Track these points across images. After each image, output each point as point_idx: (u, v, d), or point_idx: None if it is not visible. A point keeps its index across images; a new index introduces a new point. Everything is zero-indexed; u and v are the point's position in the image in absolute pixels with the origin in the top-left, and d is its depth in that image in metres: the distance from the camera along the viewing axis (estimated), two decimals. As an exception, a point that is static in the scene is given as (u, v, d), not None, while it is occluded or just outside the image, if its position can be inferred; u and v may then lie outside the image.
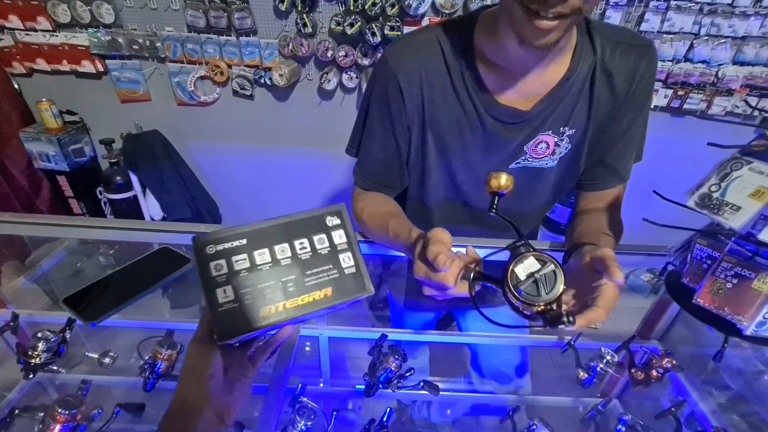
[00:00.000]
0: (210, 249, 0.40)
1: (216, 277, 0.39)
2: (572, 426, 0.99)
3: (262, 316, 0.40)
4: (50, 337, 0.75)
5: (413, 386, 0.81)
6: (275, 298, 0.41)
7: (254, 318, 0.39)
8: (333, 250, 0.44)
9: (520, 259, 0.44)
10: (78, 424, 0.66)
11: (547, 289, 0.43)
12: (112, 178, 1.86)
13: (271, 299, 0.41)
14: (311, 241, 0.43)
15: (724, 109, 1.83)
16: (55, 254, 1.13)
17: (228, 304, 0.39)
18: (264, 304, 0.40)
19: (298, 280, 0.42)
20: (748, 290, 0.53)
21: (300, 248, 0.43)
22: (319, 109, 1.93)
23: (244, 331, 0.39)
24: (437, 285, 0.48)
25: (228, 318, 0.39)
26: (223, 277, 0.39)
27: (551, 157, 0.69)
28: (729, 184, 0.51)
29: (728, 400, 0.84)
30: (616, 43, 0.63)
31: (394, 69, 0.64)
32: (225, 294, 0.39)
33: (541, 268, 0.43)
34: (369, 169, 0.75)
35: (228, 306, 0.39)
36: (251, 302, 0.40)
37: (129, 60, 1.80)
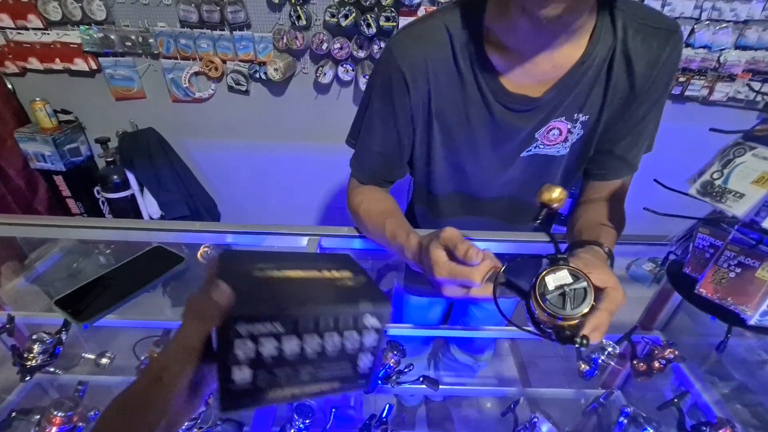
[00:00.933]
0: (241, 327, 0.35)
1: (237, 355, 0.36)
2: (574, 418, 0.99)
3: (269, 397, 0.38)
4: (45, 338, 0.74)
5: (413, 381, 0.80)
6: (287, 384, 0.39)
7: (262, 398, 0.38)
8: (360, 349, 0.40)
9: (553, 270, 0.43)
10: (75, 426, 0.65)
11: (573, 304, 0.42)
12: (108, 177, 1.85)
13: (283, 384, 0.39)
14: (342, 338, 0.39)
15: (726, 94, 1.80)
16: (52, 255, 1.12)
17: (241, 384, 0.37)
18: (275, 386, 0.39)
19: (314, 372, 0.40)
20: (751, 279, 0.52)
21: (329, 344, 0.39)
22: (315, 103, 1.91)
23: (249, 408, 0.38)
24: (463, 282, 0.47)
25: (236, 395, 0.37)
26: (245, 359, 0.36)
27: (563, 144, 0.66)
28: (732, 171, 0.50)
29: (731, 390, 0.83)
30: (640, 25, 0.57)
31: (398, 61, 0.61)
32: (241, 374, 0.37)
33: (572, 282, 0.42)
34: (367, 163, 0.73)
35: (241, 384, 0.37)
36: (264, 385, 0.38)
37: (122, 57, 1.78)
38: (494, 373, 1.75)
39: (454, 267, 0.47)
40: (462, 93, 0.63)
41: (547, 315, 0.42)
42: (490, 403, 1.45)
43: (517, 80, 0.60)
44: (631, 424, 0.70)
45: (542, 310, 0.42)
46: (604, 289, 0.46)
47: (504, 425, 0.93)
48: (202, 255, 1.10)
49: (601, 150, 0.69)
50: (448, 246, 0.48)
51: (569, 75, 0.59)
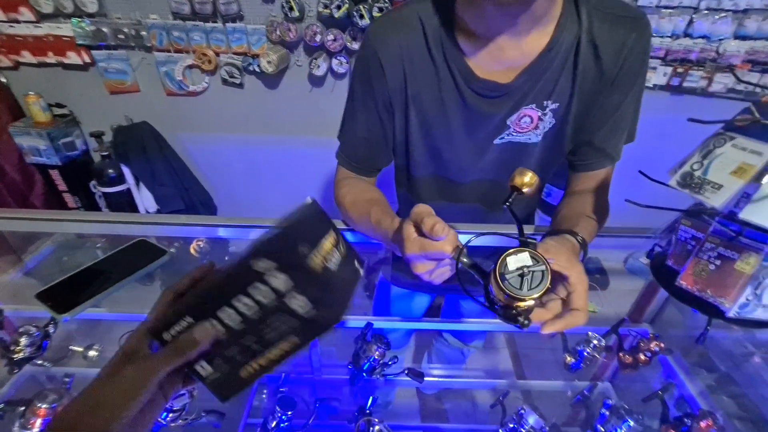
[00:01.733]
0: (166, 336, 0.39)
1: None
2: (563, 410, 0.99)
3: (244, 377, 0.41)
4: (32, 331, 0.75)
5: (398, 374, 0.80)
6: (246, 359, 0.41)
7: (238, 380, 0.41)
8: (279, 296, 0.38)
9: (515, 252, 0.44)
10: (60, 417, 0.66)
11: (530, 285, 0.43)
12: (104, 171, 1.86)
13: (243, 362, 0.41)
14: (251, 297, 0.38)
15: (725, 86, 1.78)
16: (44, 249, 1.13)
17: (210, 375, 0.41)
18: (239, 366, 0.41)
19: (260, 338, 0.40)
20: (730, 271, 0.51)
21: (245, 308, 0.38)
22: (310, 96, 1.90)
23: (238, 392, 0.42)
24: (434, 255, 0.48)
25: (219, 384, 0.41)
26: None
27: (535, 131, 0.67)
28: (711, 162, 0.49)
29: (716, 381, 0.83)
30: (605, 15, 0.59)
31: (374, 46, 0.63)
32: (203, 368, 0.40)
33: (532, 265, 0.44)
34: (352, 149, 0.74)
35: (212, 376, 0.41)
36: (228, 369, 0.41)
37: (115, 50, 1.78)
38: (488, 365, 1.76)
39: (424, 241, 0.48)
40: (435, 78, 0.64)
41: (504, 295, 0.43)
42: (482, 395, 1.46)
43: (486, 66, 0.61)
44: (613, 415, 0.70)
45: (500, 289, 0.43)
46: (568, 276, 0.47)
47: (493, 417, 0.93)
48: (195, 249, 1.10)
49: (580, 140, 0.70)
50: (417, 222, 0.48)
51: (537, 62, 0.60)
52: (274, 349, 0.41)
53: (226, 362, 0.40)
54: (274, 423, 0.70)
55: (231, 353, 0.40)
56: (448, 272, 0.51)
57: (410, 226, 0.49)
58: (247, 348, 0.40)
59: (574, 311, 0.48)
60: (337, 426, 0.98)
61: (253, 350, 0.40)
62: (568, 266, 0.47)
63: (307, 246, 0.37)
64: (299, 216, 0.37)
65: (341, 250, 0.42)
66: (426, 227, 0.47)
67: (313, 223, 0.40)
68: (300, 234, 0.37)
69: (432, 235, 0.46)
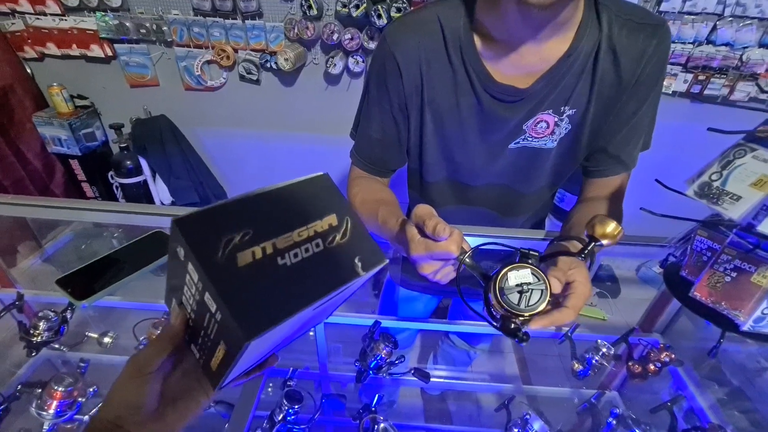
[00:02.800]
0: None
1: None
2: (567, 417, 0.98)
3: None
4: (51, 316, 0.77)
5: (404, 373, 0.81)
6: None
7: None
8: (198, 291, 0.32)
9: (518, 267, 0.44)
10: (75, 401, 0.68)
11: (528, 303, 0.43)
12: (122, 163, 1.90)
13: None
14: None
15: (747, 94, 1.74)
16: (63, 237, 1.16)
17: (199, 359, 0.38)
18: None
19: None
20: (747, 284, 0.50)
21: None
22: (325, 94, 1.91)
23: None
24: (440, 256, 0.47)
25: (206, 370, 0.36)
26: None
27: (551, 137, 0.67)
28: (731, 173, 0.49)
29: (728, 395, 0.81)
30: (625, 21, 0.59)
31: (392, 48, 0.63)
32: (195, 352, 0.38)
33: (532, 283, 0.43)
34: (366, 150, 0.74)
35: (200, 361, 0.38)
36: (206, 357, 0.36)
37: (137, 44, 1.81)
38: (494, 369, 1.75)
39: (429, 242, 0.48)
40: (453, 82, 0.64)
41: (501, 308, 0.43)
42: (487, 398, 1.46)
43: (504, 71, 0.61)
44: (620, 425, 0.70)
45: (498, 303, 0.43)
46: (572, 284, 0.47)
47: (498, 421, 0.93)
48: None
49: (596, 147, 0.69)
50: (419, 223, 0.49)
51: (556, 68, 0.60)
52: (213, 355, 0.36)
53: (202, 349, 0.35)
54: (281, 416, 0.71)
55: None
56: (454, 272, 0.51)
57: (413, 227, 0.50)
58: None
59: (563, 309, 0.47)
60: (341, 422, 0.99)
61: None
62: (575, 273, 0.47)
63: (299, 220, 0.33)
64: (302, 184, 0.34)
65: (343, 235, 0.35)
66: (428, 229, 0.46)
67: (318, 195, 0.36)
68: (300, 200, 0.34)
69: (435, 236, 0.46)
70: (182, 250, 0.30)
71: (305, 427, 0.75)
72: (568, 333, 0.86)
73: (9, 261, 1.06)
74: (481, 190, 0.77)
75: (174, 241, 0.31)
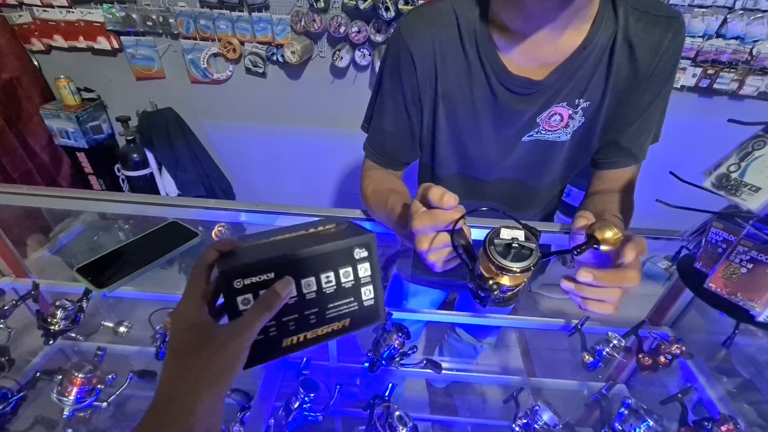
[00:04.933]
0: (237, 283, 0.38)
1: (243, 311, 0.38)
2: (577, 409, 0.99)
3: (284, 347, 0.41)
4: (68, 305, 0.78)
5: (416, 364, 0.82)
6: (297, 330, 0.41)
7: (276, 349, 0.40)
8: (357, 283, 0.43)
9: (513, 227, 0.43)
10: (94, 387, 0.69)
11: (515, 259, 0.41)
12: (128, 156, 1.90)
13: (294, 331, 0.41)
14: (337, 275, 0.42)
15: (757, 89, 1.73)
16: (74, 228, 1.17)
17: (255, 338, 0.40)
18: (286, 335, 0.41)
19: (321, 313, 0.42)
20: (763, 275, 0.51)
21: (326, 282, 0.42)
22: (331, 87, 1.91)
23: (266, 361, 0.40)
24: (442, 226, 0.46)
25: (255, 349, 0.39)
26: None
27: (564, 130, 0.67)
28: (749, 164, 0.49)
29: (738, 387, 0.82)
30: (642, 14, 0.59)
31: (407, 40, 0.63)
32: None
33: (524, 241, 0.42)
34: (380, 143, 0.74)
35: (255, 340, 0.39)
36: (275, 335, 0.40)
37: (143, 36, 1.81)
38: (499, 362, 1.76)
39: (433, 211, 0.46)
40: (467, 74, 0.63)
41: (487, 262, 0.41)
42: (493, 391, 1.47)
43: (520, 63, 0.61)
44: (632, 415, 0.71)
45: (486, 257, 0.41)
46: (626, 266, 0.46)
47: (504, 413, 0.94)
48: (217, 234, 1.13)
49: (607, 139, 0.69)
50: (424, 196, 0.47)
51: (571, 60, 0.60)
52: (326, 328, 0.42)
53: (277, 328, 0.40)
54: (297, 404, 0.72)
55: (287, 320, 0.40)
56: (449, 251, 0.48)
57: (417, 202, 0.49)
58: (304, 319, 0.41)
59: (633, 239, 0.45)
60: (352, 413, 1.00)
61: (309, 323, 0.42)
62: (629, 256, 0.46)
63: None
64: None
65: None
66: (434, 196, 0.45)
67: None
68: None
69: (441, 205, 0.45)
70: (363, 252, 0.44)
71: (320, 414, 0.77)
72: (578, 325, 0.86)
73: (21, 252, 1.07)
74: (492, 184, 0.77)
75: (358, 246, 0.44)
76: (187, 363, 0.35)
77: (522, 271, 0.40)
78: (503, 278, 0.41)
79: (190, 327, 0.37)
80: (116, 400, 0.77)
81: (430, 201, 0.46)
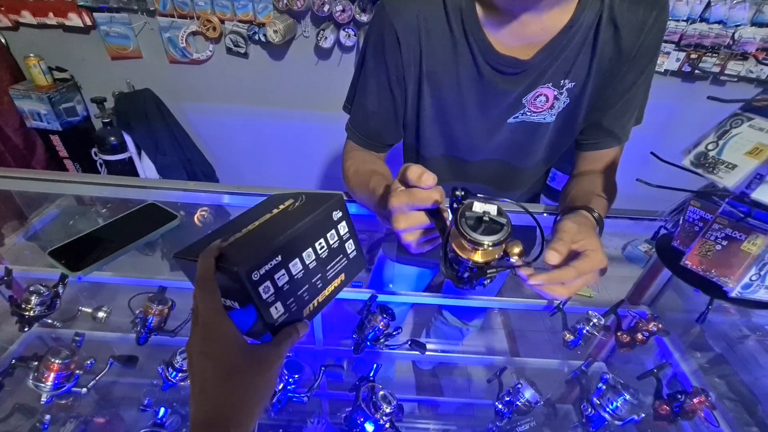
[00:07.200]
0: (255, 275, 0.41)
1: (267, 299, 0.42)
2: (558, 386, 1.02)
3: (304, 315, 0.46)
4: (42, 291, 0.76)
5: (400, 345, 0.82)
6: (311, 297, 0.47)
7: (300, 320, 0.46)
8: (341, 241, 0.49)
9: (486, 200, 0.41)
10: (72, 373, 0.68)
11: (486, 232, 0.39)
12: (105, 139, 1.84)
13: (309, 299, 0.46)
14: (326, 240, 0.48)
15: (737, 74, 1.75)
16: (49, 213, 1.13)
17: (281, 317, 0.44)
18: (304, 305, 0.46)
19: (323, 276, 0.48)
20: (737, 252, 0.52)
21: (320, 249, 0.47)
22: (316, 68, 1.87)
23: None
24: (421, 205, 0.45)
25: (281, 325, 0.44)
26: (272, 296, 0.42)
27: (549, 111, 0.67)
28: (727, 142, 0.49)
29: (710, 362, 0.85)
30: None
31: (390, 16, 0.61)
32: (277, 310, 0.43)
33: (495, 216, 0.40)
34: (362, 123, 0.73)
35: (281, 318, 0.44)
36: (296, 308, 0.45)
37: (117, 13, 1.73)
38: (484, 344, 1.79)
39: (412, 190, 0.45)
40: (453, 53, 0.62)
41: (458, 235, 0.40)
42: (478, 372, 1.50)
43: (506, 42, 0.60)
44: (609, 390, 0.73)
45: (457, 231, 0.39)
46: (584, 251, 0.47)
47: (489, 392, 0.96)
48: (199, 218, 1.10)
49: (591, 120, 0.69)
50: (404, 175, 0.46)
51: (557, 39, 0.59)
52: (330, 287, 0.48)
53: (296, 302, 0.45)
54: (281, 385, 0.72)
55: (302, 293, 0.45)
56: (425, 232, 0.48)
57: (397, 181, 0.48)
58: (313, 286, 0.47)
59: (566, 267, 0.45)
60: (338, 395, 1.01)
61: (317, 288, 0.47)
62: (587, 242, 0.47)
63: None
64: None
65: None
66: (413, 175, 0.44)
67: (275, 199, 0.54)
68: None
69: (419, 184, 0.44)
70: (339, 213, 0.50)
71: (305, 396, 0.77)
72: (559, 305, 0.88)
73: (-7, 238, 1.03)
74: (478, 165, 0.77)
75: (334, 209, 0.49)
76: (236, 383, 0.37)
77: (492, 245, 0.39)
78: (475, 254, 0.40)
79: (232, 346, 0.38)
80: (96, 385, 0.75)
81: (409, 180, 0.45)
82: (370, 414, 0.66)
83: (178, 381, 0.71)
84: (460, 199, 0.43)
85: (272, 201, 0.54)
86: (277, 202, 0.52)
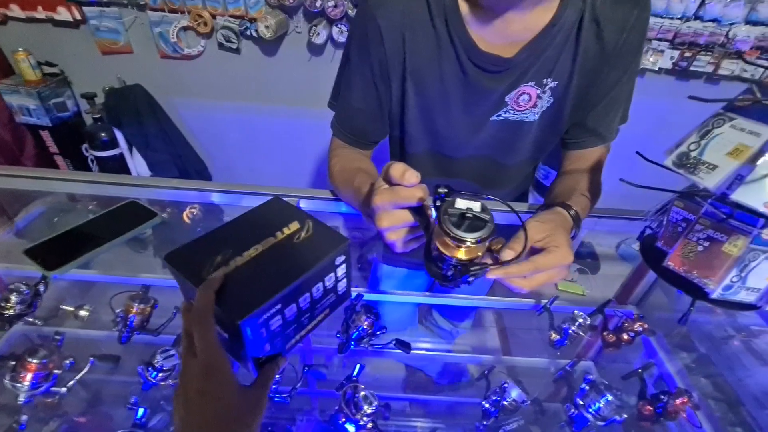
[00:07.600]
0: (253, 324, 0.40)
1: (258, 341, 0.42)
2: (544, 385, 1.02)
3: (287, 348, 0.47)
4: (22, 289, 0.75)
5: (385, 344, 0.82)
6: (296, 333, 0.47)
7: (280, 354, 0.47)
8: (336, 281, 0.49)
9: (470, 198, 0.41)
10: (50, 373, 0.67)
11: (468, 229, 0.39)
12: (96, 135, 1.82)
13: (294, 335, 0.47)
14: (324, 283, 0.47)
15: (731, 72, 1.75)
16: (34, 210, 1.11)
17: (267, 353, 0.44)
18: (289, 341, 0.47)
19: (311, 315, 0.48)
20: (718, 253, 0.51)
21: (316, 292, 0.47)
22: (308, 64, 1.85)
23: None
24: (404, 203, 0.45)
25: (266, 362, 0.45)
26: (264, 338, 0.43)
27: (533, 110, 0.66)
28: (708, 143, 0.49)
29: (695, 362, 0.85)
30: None
31: (374, 12, 0.60)
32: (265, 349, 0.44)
33: (479, 212, 0.40)
34: (348, 120, 0.72)
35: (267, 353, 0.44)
36: (281, 345, 0.46)
37: (107, 7, 1.71)
38: (477, 343, 1.79)
39: (395, 188, 0.45)
40: (437, 49, 0.62)
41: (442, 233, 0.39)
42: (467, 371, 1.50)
43: (489, 39, 0.60)
44: (593, 390, 0.73)
45: (440, 228, 0.39)
46: (548, 248, 0.48)
47: (479, 391, 0.96)
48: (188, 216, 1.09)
49: (575, 119, 0.69)
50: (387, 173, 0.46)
51: (540, 37, 0.59)
52: (315, 322, 0.49)
53: (283, 339, 0.46)
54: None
55: (289, 331, 0.46)
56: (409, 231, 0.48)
57: (380, 179, 0.48)
58: (301, 324, 0.47)
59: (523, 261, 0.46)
60: (325, 393, 1.01)
61: (303, 325, 0.47)
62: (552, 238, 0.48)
63: None
64: None
65: None
66: (396, 173, 0.44)
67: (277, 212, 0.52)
68: None
69: (402, 182, 0.44)
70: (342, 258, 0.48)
71: (287, 396, 0.76)
72: (546, 305, 0.87)
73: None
74: (463, 162, 0.76)
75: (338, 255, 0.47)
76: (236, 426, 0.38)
77: (476, 242, 0.39)
78: (458, 251, 0.40)
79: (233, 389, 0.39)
80: (77, 384, 0.75)
81: (392, 178, 0.45)
82: (351, 415, 0.66)
83: (158, 381, 0.70)
84: (443, 196, 0.42)
85: (275, 213, 0.50)
86: (281, 218, 0.49)
